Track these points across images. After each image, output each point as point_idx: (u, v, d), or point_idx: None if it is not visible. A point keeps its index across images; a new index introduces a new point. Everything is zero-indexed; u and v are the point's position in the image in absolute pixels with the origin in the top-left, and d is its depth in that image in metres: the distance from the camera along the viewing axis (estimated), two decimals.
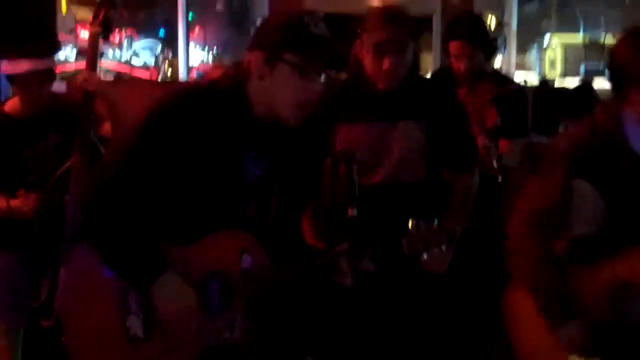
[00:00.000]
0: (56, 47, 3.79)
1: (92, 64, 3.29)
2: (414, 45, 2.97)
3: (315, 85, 2.20)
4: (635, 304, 2.34)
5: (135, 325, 2.19)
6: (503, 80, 4.35)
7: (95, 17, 3.33)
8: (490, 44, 4.28)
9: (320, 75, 2.21)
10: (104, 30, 3.32)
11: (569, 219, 2.43)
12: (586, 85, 6.45)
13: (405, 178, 2.93)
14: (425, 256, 2.30)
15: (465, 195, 3.07)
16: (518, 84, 4.76)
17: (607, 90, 2.57)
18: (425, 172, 2.95)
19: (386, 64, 2.84)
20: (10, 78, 3.37)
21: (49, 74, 3.42)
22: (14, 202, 3.30)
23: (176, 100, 2.21)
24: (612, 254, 2.37)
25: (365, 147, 2.87)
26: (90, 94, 3.23)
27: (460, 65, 3.99)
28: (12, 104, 3.47)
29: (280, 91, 2.18)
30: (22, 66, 3.29)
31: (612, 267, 2.37)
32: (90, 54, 3.30)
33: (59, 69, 7.50)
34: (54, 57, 3.59)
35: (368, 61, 2.89)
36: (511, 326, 2.60)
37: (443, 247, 2.30)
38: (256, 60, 2.19)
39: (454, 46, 3.98)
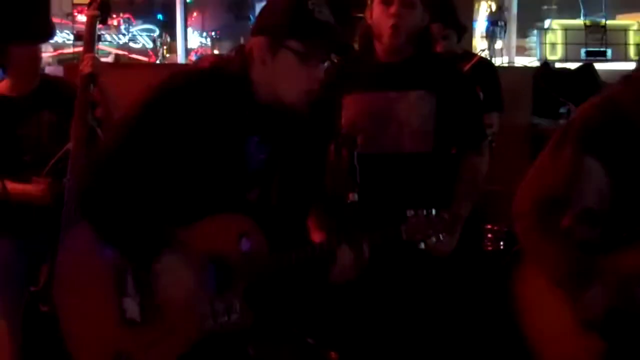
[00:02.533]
0: (51, 31, 3.76)
1: (90, 47, 3.26)
2: (427, 14, 2.95)
3: (317, 72, 2.19)
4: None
5: (131, 307, 2.17)
6: (473, 58, 4.55)
7: (92, 0, 3.30)
8: (461, 24, 4.40)
9: (323, 62, 2.20)
10: (101, 13, 3.29)
11: (575, 195, 2.40)
12: (588, 66, 6.38)
13: (413, 148, 2.89)
14: (422, 245, 2.29)
15: (473, 176, 3.00)
16: (485, 59, 4.88)
17: (608, 71, 2.54)
18: (434, 144, 2.91)
19: (393, 9, 2.83)
20: (1, 62, 3.37)
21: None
22: (27, 187, 3.27)
23: (180, 82, 2.19)
24: (618, 233, 2.36)
25: (374, 115, 2.86)
26: (92, 76, 3.19)
27: (437, 48, 4.10)
28: (4, 84, 3.46)
29: (283, 77, 2.16)
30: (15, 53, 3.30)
31: (621, 258, 2.35)
32: (88, 37, 3.28)
33: (56, 53, 7.52)
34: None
35: (377, 13, 2.89)
36: (521, 308, 2.54)
37: (441, 237, 2.29)
38: (259, 45, 2.17)
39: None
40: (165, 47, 7.83)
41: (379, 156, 2.86)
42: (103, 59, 7.51)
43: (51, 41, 7.40)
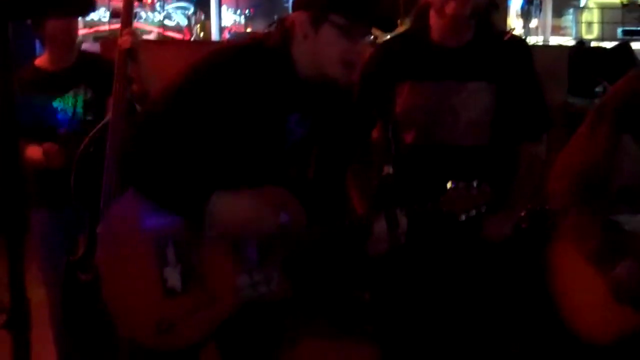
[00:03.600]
0: (91, 6, 3.78)
1: (128, 23, 3.28)
2: None
3: (360, 46, 2.19)
4: None
5: (172, 277, 2.20)
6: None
7: None
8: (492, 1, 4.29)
9: (365, 36, 2.21)
10: None
11: (613, 173, 2.46)
12: (624, 45, 6.32)
13: (468, 142, 2.70)
14: (463, 217, 2.29)
15: (532, 165, 2.81)
16: (517, 36, 4.84)
17: None
18: (490, 138, 2.72)
19: None
20: (39, 36, 3.43)
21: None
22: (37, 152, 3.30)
23: (222, 56, 2.21)
24: None
25: (429, 106, 2.69)
26: (130, 51, 3.22)
27: None
28: (43, 59, 3.53)
29: (325, 51, 2.17)
30: (52, 25, 3.36)
31: None
32: (125, 15, 3.29)
33: (91, 30, 7.59)
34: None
35: None
36: (553, 280, 2.62)
37: (482, 209, 2.29)
38: (301, 20, 2.18)
39: None
40: (199, 24, 7.86)
41: (433, 147, 2.71)
42: (145, 37, 7.60)
43: (87, 18, 7.47)
